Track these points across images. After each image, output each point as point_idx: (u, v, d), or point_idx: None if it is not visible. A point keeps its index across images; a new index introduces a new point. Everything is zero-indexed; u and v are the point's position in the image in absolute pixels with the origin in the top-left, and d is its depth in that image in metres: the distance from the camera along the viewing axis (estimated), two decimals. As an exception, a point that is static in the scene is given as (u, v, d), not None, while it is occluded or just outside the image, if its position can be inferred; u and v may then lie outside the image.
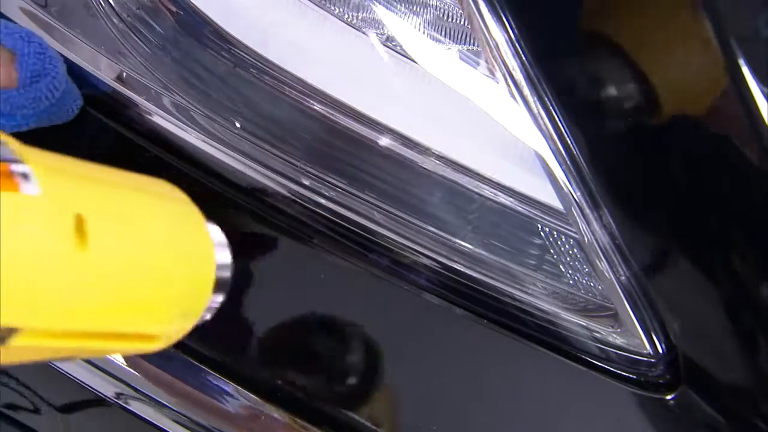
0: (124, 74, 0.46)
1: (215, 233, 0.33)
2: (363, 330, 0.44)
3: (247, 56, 0.44)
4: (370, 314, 0.44)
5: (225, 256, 0.33)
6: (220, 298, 0.34)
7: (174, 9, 0.45)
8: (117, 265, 0.27)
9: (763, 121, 0.34)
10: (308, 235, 0.45)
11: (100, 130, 0.47)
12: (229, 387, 0.44)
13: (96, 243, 0.25)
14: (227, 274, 0.33)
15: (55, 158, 0.27)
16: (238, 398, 0.44)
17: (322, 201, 0.45)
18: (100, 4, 0.46)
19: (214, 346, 0.45)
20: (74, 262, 0.25)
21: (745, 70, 0.34)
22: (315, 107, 0.44)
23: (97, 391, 0.48)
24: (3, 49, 0.41)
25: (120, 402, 0.47)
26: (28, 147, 0.25)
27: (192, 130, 0.45)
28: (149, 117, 0.46)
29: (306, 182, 0.45)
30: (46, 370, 0.50)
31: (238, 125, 0.45)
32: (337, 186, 0.44)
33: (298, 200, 0.45)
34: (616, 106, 0.38)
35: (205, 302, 0.32)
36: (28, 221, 0.23)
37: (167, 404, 0.46)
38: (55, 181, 0.25)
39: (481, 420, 0.44)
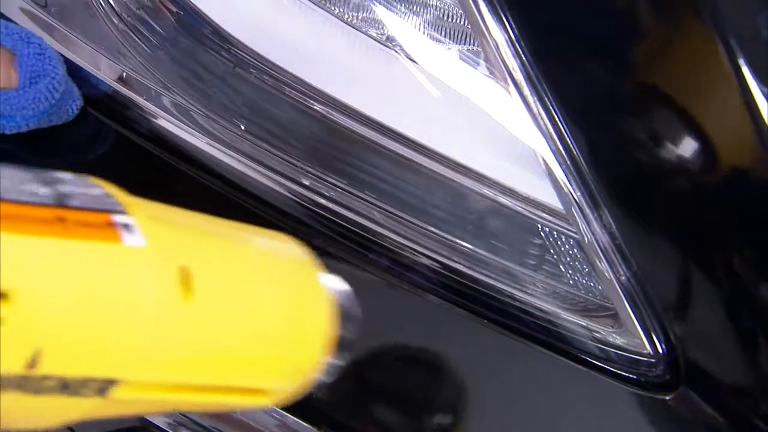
0: (124, 74, 0.46)
1: (337, 291, 0.32)
2: (362, 330, 0.44)
3: (247, 56, 0.44)
4: (370, 314, 0.44)
5: (346, 316, 0.32)
6: (339, 360, 0.32)
7: (174, 9, 0.45)
8: (222, 318, 0.26)
9: (764, 121, 0.34)
10: (308, 235, 0.45)
11: (100, 130, 0.47)
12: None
13: (201, 296, 0.25)
14: (347, 334, 0.32)
15: (161, 209, 0.27)
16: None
17: (322, 201, 0.45)
18: (100, 4, 0.46)
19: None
20: (178, 314, 0.24)
21: (745, 70, 0.34)
22: (315, 107, 0.44)
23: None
24: (2, 50, 0.41)
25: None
26: (134, 197, 0.25)
27: (192, 130, 0.45)
28: (149, 117, 0.46)
29: (306, 182, 0.45)
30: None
31: (242, 128, 0.45)
32: (337, 186, 0.44)
33: (298, 200, 0.45)
34: (616, 105, 0.38)
35: (318, 361, 0.31)
36: (130, 272, 0.23)
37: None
38: (160, 232, 0.25)
39: (482, 420, 0.44)
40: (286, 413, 0.44)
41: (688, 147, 0.37)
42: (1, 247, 0.20)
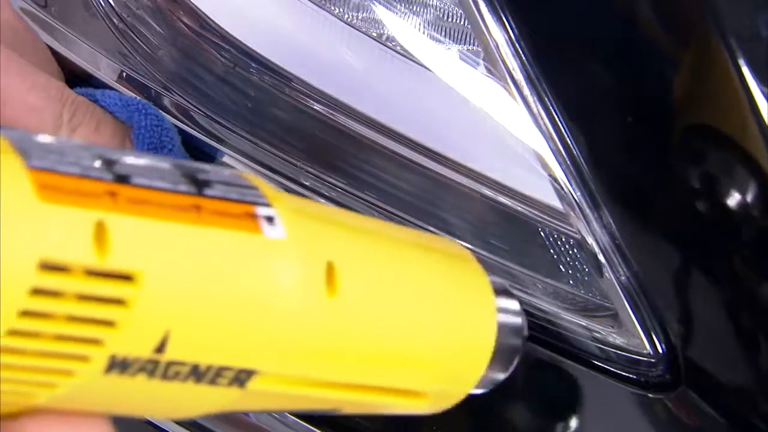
0: (124, 74, 0.46)
1: (504, 301, 0.31)
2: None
3: (247, 56, 0.44)
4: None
5: (513, 330, 0.31)
6: (500, 374, 0.31)
7: (174, 9, 0.45)
8: (368, 316, 0.26)
9: (764, 121, 0.34)
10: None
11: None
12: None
13: (346, 292, 0.25)
14: (512, 343, 0.31)
15: (305, 203, 0.26)
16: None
17: (322, 201, 0.45)
18: (100, 4, 0.46)
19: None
20: (321, 309, 0.24)
21: (745, 70, 0.34)
22: (315, 107, 0.44)
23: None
24: (116, 122, 0.40)
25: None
26: (279, 191, 0.25)
27: (192, 130, 0.45)
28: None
29: (306, 182, 0.45)
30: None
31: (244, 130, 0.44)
32: (337, 186, 0.44)
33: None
34: (616, 105, 0.38)
35: (479, 367, 0.30)
36: (271, 263, 0.23)
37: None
38: (304, 225, 0.24)
39: (481, 420, 0.44)
40: (286, 414, 0.44)
41: (688, 146, 0.37)
42: (127, 230, 0.20)
